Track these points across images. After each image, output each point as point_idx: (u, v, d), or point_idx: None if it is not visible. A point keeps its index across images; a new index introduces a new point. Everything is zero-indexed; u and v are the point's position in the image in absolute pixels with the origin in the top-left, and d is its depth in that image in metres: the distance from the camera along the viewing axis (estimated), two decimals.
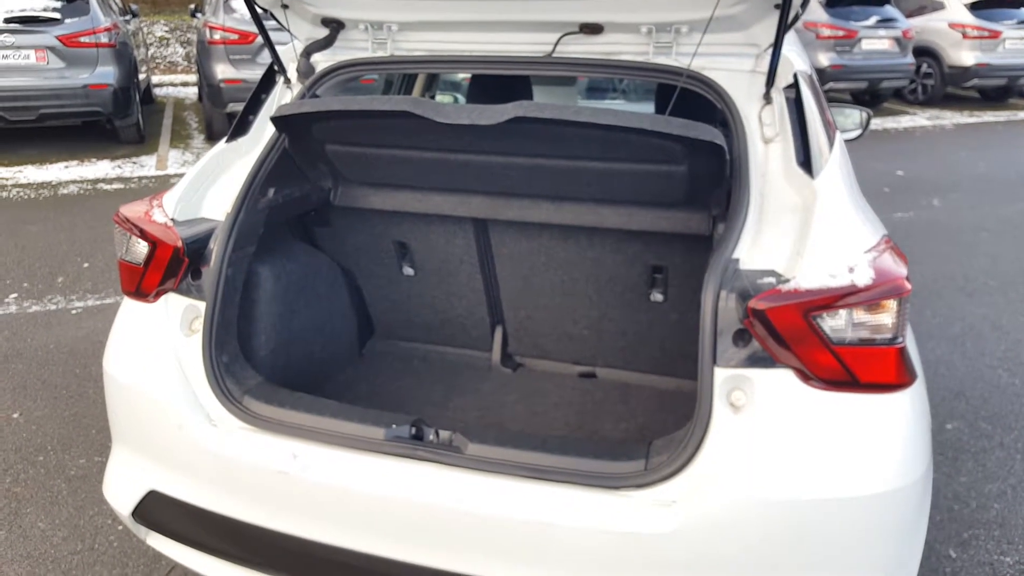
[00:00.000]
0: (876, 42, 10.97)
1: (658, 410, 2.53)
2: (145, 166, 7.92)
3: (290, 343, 2.42)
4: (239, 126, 2.38)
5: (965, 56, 11.69)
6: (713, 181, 2.06)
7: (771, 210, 1.87)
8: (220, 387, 1.97)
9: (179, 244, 2.00)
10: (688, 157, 1.96)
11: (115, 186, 7.23)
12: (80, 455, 3.17)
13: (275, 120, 2.16)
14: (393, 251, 2.70)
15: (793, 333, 1.64)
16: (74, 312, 4.49)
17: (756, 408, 1.66)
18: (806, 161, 1.93)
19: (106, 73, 7.84)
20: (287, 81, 2.46)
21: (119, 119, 8.24)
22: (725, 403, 1.69)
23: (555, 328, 2.71)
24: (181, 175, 2.94)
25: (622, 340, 2.65)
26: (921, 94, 12.26)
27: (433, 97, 4.15)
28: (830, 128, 2.22)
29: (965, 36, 11.68)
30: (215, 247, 2.05)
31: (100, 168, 7.79)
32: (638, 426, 2.43)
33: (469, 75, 3.69)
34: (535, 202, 2.36)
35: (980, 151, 9.19)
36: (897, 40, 11.09)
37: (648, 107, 4.63)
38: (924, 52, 11.91)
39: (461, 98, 4.47)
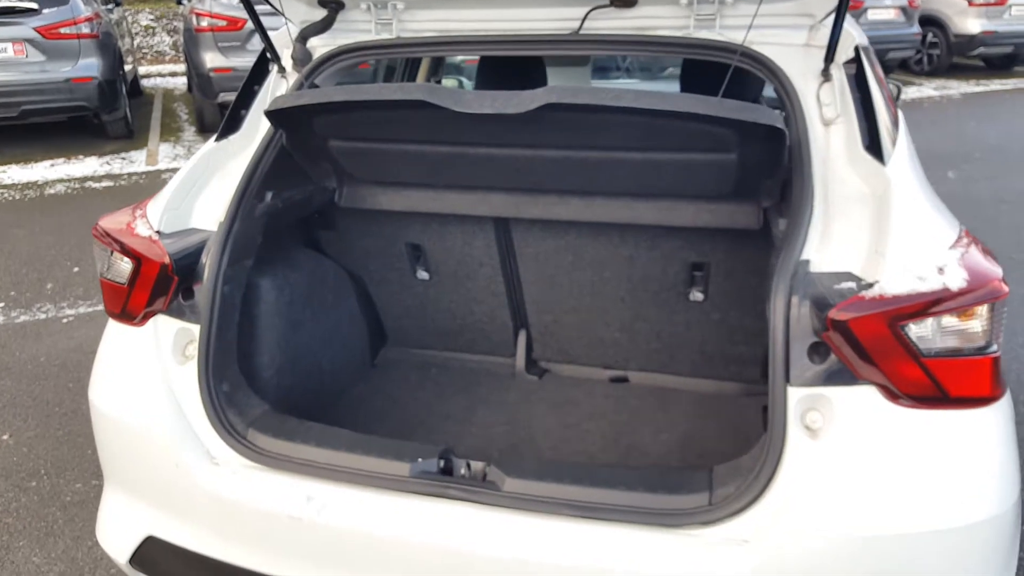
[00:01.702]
0: (882, 12, 10.67)
1: (699, 416, 2.32)
2: (135, 162, 7.65)
3: (296, 360, 2.21)
4: (230, 122, 2.15)
5: (971, 24, 11.37)
6: (767, 170, 1.84)
7: (837, 202, 1.65)
8: (221, 420, 1.76)
9: (167, 260, 1.78)
10: (741, 144, 1.73)
11: (104, 184, 6.97)
12: (76, 479, 2.96)
13: (270, 114, 1.93)
14: (406, 254, 2.48)
15: (878, 345, 1.43)
16: (65, 320, 4.27)
17: (837, 431, 1.46)
18: (872, 145, 1.71)
19: (90, 65, 7.51)
20: (281, 70, 2.22)
21: (106, 113, 7.93)
22: (799, 426, 1.48)
23: (584, 332, 2.50)
24: (173, 170, 2.68)
25: (657, 342, 2.44)
26: (927, 64, 11.97)
27: (439, 83, 3.91)
28: (891, 107, 2.00)
29: (971, 3, 11.37)
30: (208, 262, 1.83)
31: (88, 165, 7.52)
32: (680, 436, 2.22)
33: (475, 58, 3.44)
34: (562, 198, 2.14)
35: (990, 121, 8.96)
36: (903, 10, 10.79)
37: (665, 87, 4.39)
38: (929, 21, 11.60)
39: (467, 82, 4.22)
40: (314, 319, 2.32)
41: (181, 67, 12.18)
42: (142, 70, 12.35)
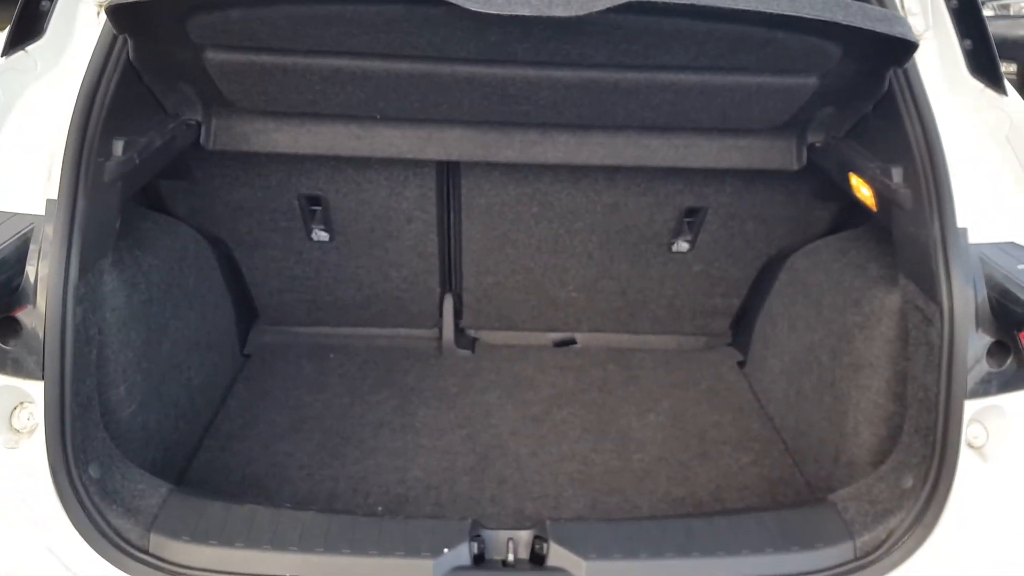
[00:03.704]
0: None
1: (675, 383, 1.99)
2: None
3: (162, 383, 1.52)
4: (24, 22, 1.32)
5: None
6: (851, 98, 1.44)
7: (953, 144, 1.29)
8: (99, 529, 1.09)
9: None
10: (843, 63, 1.31)
11: None
12: None
13: (116, 10, 1.17)
14: (297, 209, 1.80)
15: None
16: None
17: (1012, 449, 1.15)
18: (984, 68, 1.35)
19: None
20: None
21: None
22: (963, 444, 1.16)
23: (532, 293, 2.01)
24: None
25: (620, 300, 2.03)
26: None
27: None
28: None
29: None
30: (43, 272, 1.09)
31: None
32: (669, 414, 1.86)
33: None
34: (546, 134, 1.59)
35: None
36: None
37: None
38: None
39: None
40: (177, 316, 1.60)
41: None
42: None
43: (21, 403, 1.11)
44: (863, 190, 1.39)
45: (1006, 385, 1.15)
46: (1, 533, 1.07)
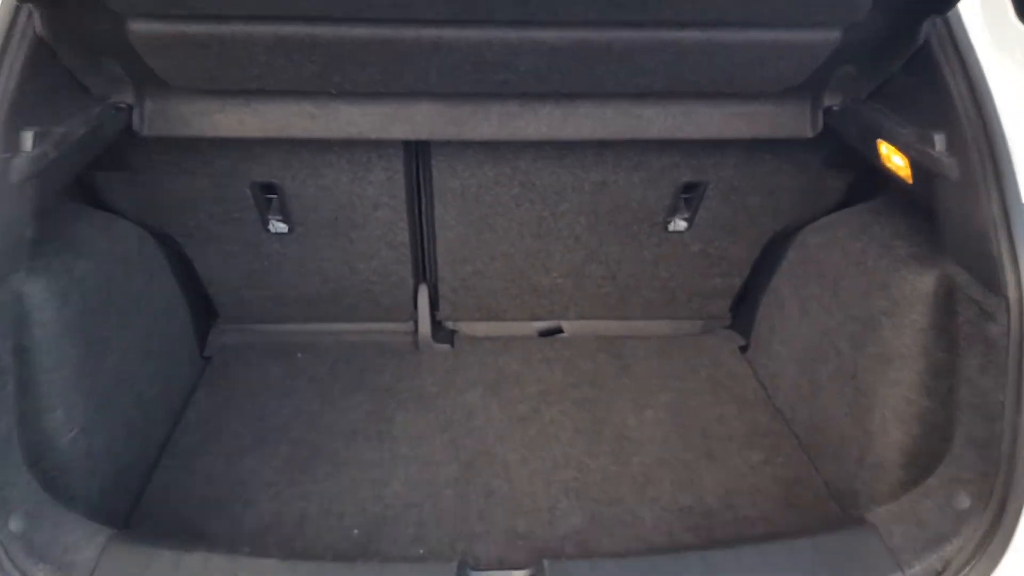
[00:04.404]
0: None
1: (671, 373, 1.84)
2: None
3: (109, 401, 1.33)
4: None
5: None
6: (873, 55, 1.27)
7: (1006, 105, 1.13)
8: None
9: None
10: (867, 15, 1.14)
11: None
12: None
13: None
14: (251, 199, 1.60)
15: None
16: None
17: None
18: None
19: None
20: None
21: None
22: None
23: (514, 281, 1.84)
24: None
25: (610, 285, 1.87)
26: None
27: None
28: None
29: None
30: None
31: None
32: (667, 408, 1.71)
33: None
34: (527, 106, 1.41)
35: None
36: None
37: None
38: None
39: None
40: (123, 324, 1.42)
41: None
42: None
43: None
44: (895, 159, 1.22)
45: None
46: None
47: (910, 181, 1.20)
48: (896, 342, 1.28)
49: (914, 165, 1.17)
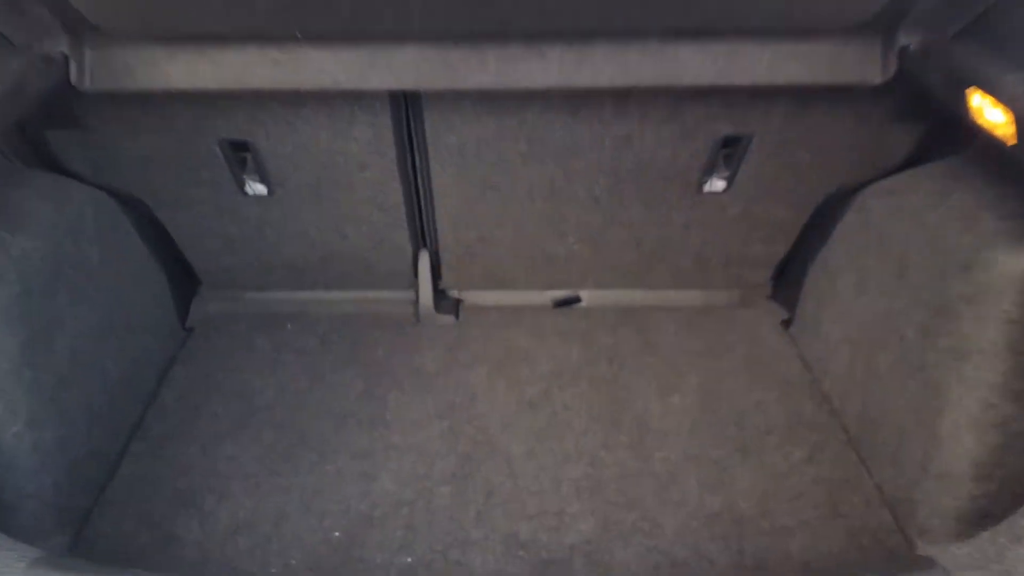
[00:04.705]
0: None
1: (703, 350, 1.63)
2: None
3: (61, 388, 1.19)
4: None
5: None
6: None
7: None
8: None
9: None
10: None
11: None
12: None
13: None
14: (222, 158, 1.41)
15: None
16: None
17: None
18: None
19: None
20: None
21: None
22: None
23: (525, 249, 1.64)
24: None
25: (634, 252, 1.65)
26: None
27: None
28: None
29: None
30: None
31: None
32: (696, 393, 1.52)
33: None
34: (533, 48, 1.18)
35: None
36: None
37: None
38: None
39: None
40: (78, 302, 1.26)
41: None
42: None
43: None
44: (990, 113, 0.98)
45: None
46: None
47: (1012, 141, 0.96)
48: (977, 335, 1.06)
49: (1020, 122, 0.92)
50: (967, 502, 1.11)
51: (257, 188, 1.46)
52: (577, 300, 1.78)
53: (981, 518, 1.10)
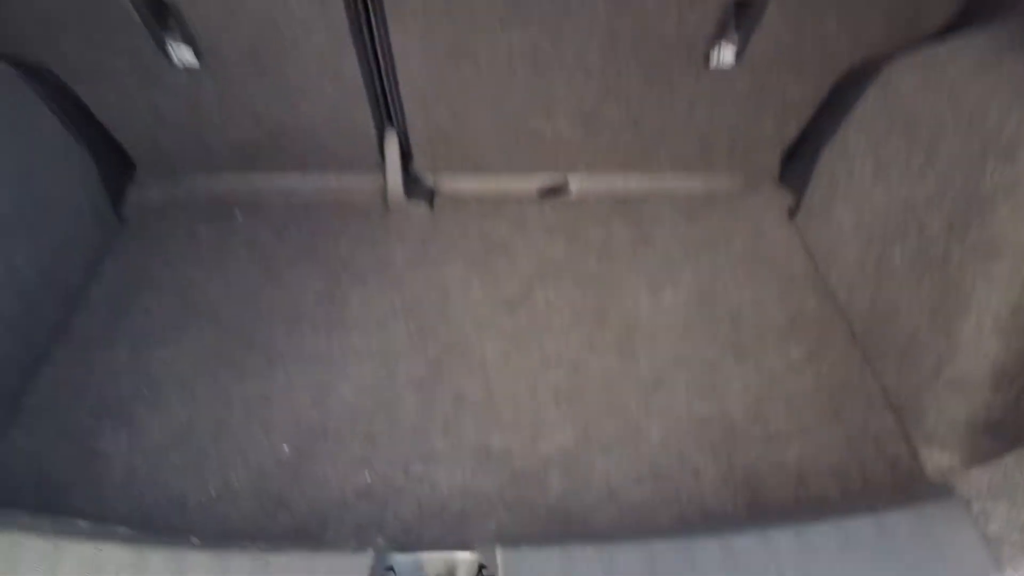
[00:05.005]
0: None
1: (696, 242, 1.48)
2: None
3: None
4: None
5: None
6: None
7: None
8: None
9: None
10: None
11: None
12: None
13: None
14: (137, 20, 1.20)
15: None
16: None
17: None
18: None
19: None
20: None
21: None
22: None
23: (506, 129, 1.45)
24: None
25: (630, 133, 1.47)
26: None
27: None
28: None
29: None
30: None
31: None
32: (693, 290, 1.38)
33: None
34: None
35: None
36: None
37: None
38: None
39: None
40: None
41: None
42: None
43: None
44: None
45: None
46: None
47: None
48: (1014, 231, 0.91)
49: None
50: (981, 411, 0.99)
51: (184, 56, 1.26)
52: (565, 189, 1.62)
53: (993, 429, 0.99)
